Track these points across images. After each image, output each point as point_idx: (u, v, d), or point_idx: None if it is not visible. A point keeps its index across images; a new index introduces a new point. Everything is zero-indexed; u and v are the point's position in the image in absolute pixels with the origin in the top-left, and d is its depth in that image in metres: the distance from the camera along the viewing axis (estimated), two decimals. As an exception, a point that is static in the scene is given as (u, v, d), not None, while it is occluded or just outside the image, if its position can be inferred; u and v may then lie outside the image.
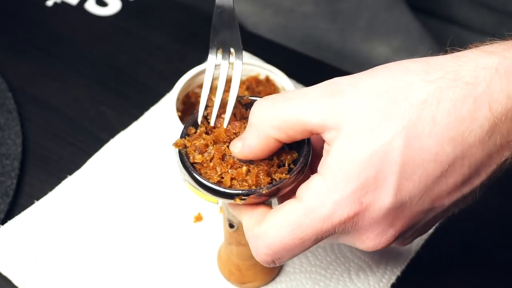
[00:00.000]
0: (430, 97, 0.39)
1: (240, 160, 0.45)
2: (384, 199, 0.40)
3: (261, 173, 0.44)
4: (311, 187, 0.41)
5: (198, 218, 0.63)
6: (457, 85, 0.39)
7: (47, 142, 0.70)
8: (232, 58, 0.49)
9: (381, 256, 0.60)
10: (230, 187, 0.44)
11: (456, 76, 0.40)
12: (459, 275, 0.60)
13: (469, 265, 0.61)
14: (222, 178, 0.45)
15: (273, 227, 0.42)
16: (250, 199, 0.44)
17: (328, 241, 0.43)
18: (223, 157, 0.45)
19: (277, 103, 0.42)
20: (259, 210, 0.44)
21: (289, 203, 0.42)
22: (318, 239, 0.41)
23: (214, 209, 0.64)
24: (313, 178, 0.41)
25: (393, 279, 0.59)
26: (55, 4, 0.85)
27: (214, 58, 0.49)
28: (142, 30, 0.82)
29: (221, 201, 0.47)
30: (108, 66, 0.78)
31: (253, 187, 0.44)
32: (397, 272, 0.59)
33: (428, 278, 0.60)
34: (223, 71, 0.49)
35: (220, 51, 0.49)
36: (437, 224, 0.62)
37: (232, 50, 0.49)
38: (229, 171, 0.45)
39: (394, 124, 0.39)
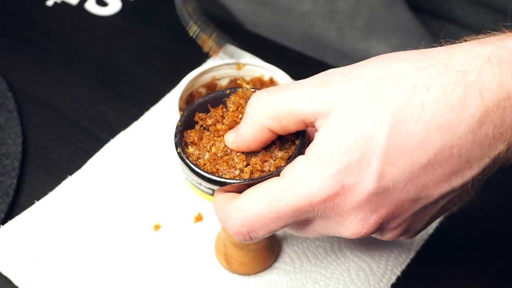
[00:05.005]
0: (420, 84, 0.39)
1: (247, 154, 0.45)
2: (367, 183, 0.40)
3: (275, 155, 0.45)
4: (295, 167, 0.41)
5: (198, 218, 0.63)
6: (448, 73, 0.39)
7: (47, 142, 0.70)
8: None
9: (381, 256, 0.60)
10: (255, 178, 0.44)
11: (447, 64, 0.39)
12: (459, 275, 0.60)
13: (469, 265, 0.61)
14: (242, 171, 0.45)
15: (250, 199, 0.42)
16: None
17: (311, 230, 0.43)
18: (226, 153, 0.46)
19: (273, 93, 0.42)
20: (231, 193, 0.44)
21: (270, 180, 0.42)
22: (295, 217, 0.41)
23: (215, 209, 0.64)
24: (299, 159, 0.41)
25: (393, 279, 0.59)
26: (55, 4, 0.85)
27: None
28: (142, 30, 0.82)
29: None
30: (108, 66, 0.78)
31: (274, 169, 0.44)
32: (397, 272, 0.60)
33: (428, 278, 0.60)
34: None
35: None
36: (437, 224, 0.62)
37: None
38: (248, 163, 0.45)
39: (381, 109, 0.39)
